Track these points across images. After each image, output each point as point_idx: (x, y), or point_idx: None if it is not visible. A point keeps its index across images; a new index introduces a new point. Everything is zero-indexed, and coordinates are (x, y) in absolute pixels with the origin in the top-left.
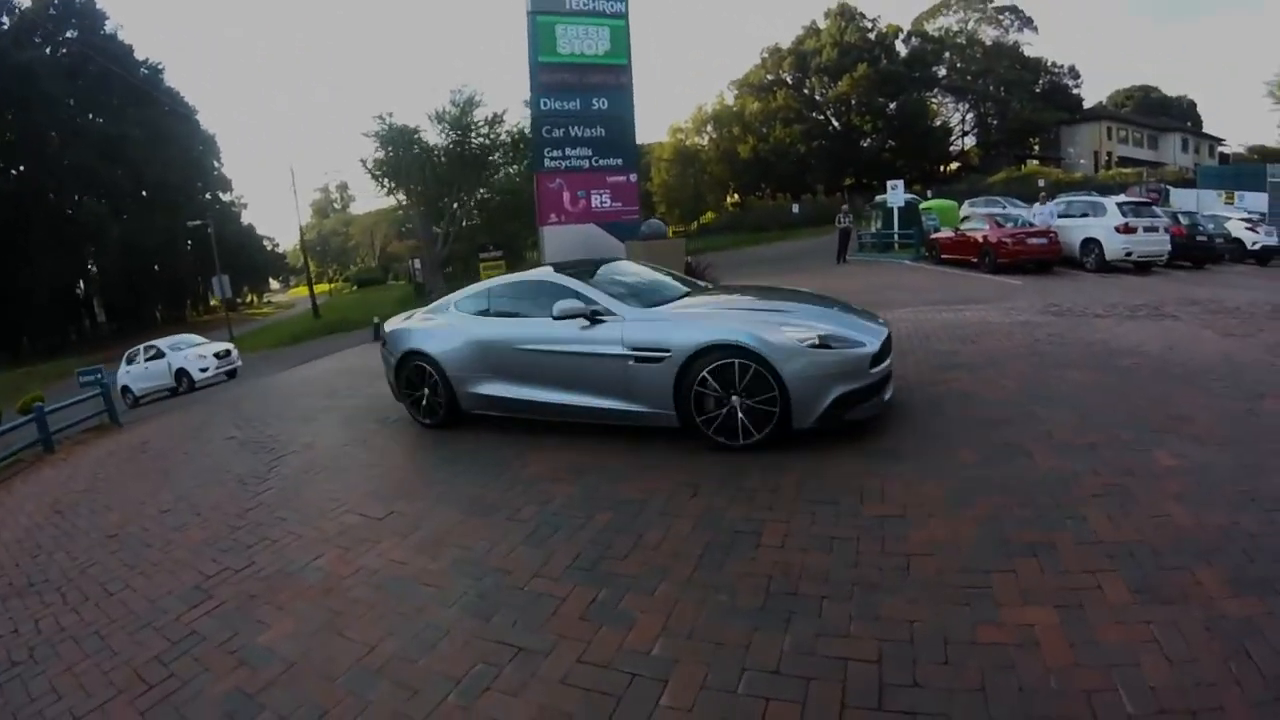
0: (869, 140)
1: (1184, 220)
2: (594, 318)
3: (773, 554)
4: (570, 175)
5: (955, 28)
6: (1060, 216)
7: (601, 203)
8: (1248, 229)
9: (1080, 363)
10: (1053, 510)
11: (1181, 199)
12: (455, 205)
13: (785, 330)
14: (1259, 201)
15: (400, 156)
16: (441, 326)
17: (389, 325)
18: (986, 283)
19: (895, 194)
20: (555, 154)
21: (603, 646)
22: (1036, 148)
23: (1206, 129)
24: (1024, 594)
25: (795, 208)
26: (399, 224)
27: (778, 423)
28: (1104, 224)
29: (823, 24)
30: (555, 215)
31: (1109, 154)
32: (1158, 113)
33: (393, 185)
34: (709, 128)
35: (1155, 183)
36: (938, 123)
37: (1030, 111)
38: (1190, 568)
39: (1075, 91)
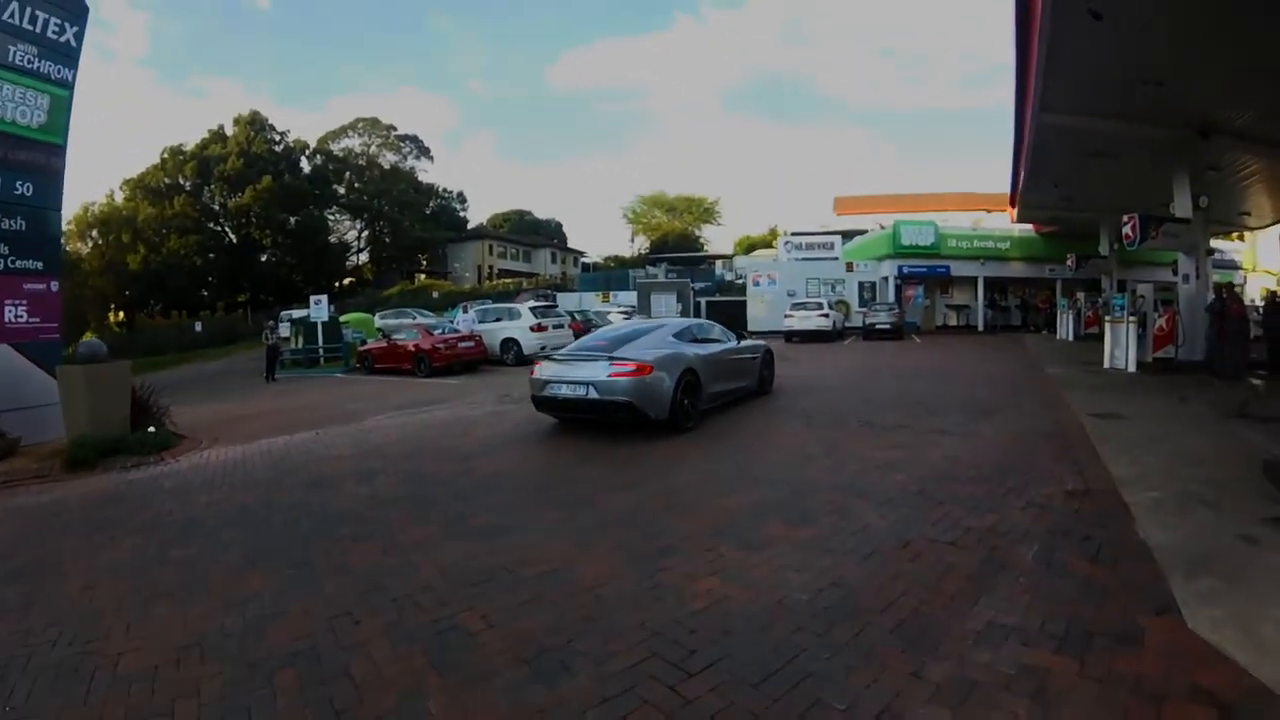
0: (267, 255)
1: (579, 316)
2: (740, 336)
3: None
4: None
5: (359, 149)
6: (481, 323)
7: (17, 316)
8: (625, 318)
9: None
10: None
11: (565, 301)
12: None
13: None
14: (630, 298)
15: None
16: (682, 350)
17: (647, 348)
18: (430, 386)
19: (319, 308)
20: None
21: None
22: (425, 263)
23: (571, 244)
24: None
25: (199, 326)
26: None
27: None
28: (520, 325)
29: (231, 130)
30: None
31: (491, 267)
32: (531, 232)
33: None
34: (94, 233)
35: (546, 290)
36: (335, 239)
37: (422, 230)
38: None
39: (462, 214)
